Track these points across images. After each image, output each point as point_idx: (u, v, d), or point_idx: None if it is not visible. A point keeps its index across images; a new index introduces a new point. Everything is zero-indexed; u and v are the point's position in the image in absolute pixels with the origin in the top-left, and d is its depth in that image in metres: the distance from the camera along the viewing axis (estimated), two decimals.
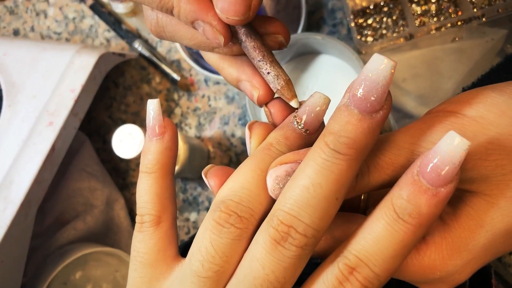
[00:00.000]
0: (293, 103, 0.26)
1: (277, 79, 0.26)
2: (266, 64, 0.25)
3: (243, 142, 0.61)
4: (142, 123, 0.64)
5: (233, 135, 0.61)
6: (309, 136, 0.25)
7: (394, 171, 0.23)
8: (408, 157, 0.23)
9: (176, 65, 0.64)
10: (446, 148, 0.19)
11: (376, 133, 0.21)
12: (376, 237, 0.20)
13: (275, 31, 0.26)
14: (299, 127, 0.25)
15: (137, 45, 0.64)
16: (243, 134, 0.61)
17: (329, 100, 0.25)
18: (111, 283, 0.57)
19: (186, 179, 0.63)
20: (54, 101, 0.50)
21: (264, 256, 0.21)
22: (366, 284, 0.20)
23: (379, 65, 0.20)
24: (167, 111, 0.64)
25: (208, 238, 0.22)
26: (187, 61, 0.60)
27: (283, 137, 0.25)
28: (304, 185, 0.20)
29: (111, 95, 0.66)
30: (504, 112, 0.23)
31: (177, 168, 0.54)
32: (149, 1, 0.24)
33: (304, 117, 0.25)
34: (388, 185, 0.23)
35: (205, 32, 0.24)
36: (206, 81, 0.63)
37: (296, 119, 0.25)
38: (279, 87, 0.26)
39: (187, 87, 0.63)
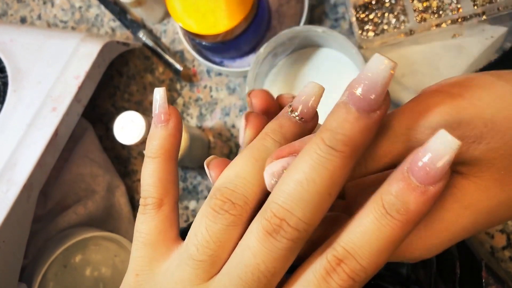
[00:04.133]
0: None
1: None
2: None
3: None
4: (144, 112, 0.65)
5: (233, 126, 0.62)
6: (304, 124, 0.25)
7: (392, 159, 0.24)
8: (405, 144, 0.23)
9: (180, 55, 0.65)
10: (437, 147, 0.19)
11: (373, 132, 0.21)
12: (364, 231, 0.21)
13: None
14: (294, 115, 0.25)
15: (142, 35, 0.65)
16: None
17: (323, 89, 0.25)
18: (110, 267, 0.58)
19: (186, 168, 0.64)
20: (58, 87, 0.51)
21: (256, 246, 0.21)
22: (353, 276, 0.21)
23: (379, 65, 0.20)
24: (170, 101, 0.65)
25: (204, 224, 0.23)
26: (191, 52, 0.61)
27: (278, 125, 0.25)
28: (298, 180, 0.21)
29: (115, 83, 0.67)
30: (500, 96, 0.23)
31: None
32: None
33: (298, 106, 0.25)
34: (387, 169, 0.24)
35: None
36: (208, 72, 0.64)
37: (291, 108, 0.25)
38: None
39: (190, 78, 0.64)
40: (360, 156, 0.22)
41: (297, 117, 0.25)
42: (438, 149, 0.19)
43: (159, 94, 0.27)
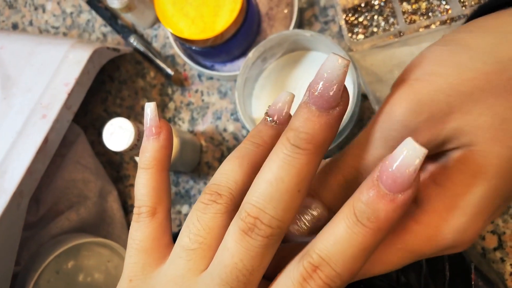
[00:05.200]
0: None
1: None
2: None
3: (235, 137, 0.62)
4: (136, 117, 0.65)
5: (225, 130, 0.62)
6: (280, 126, 0.27)
7: (346, 189, 0.25)
8: (385, 146, 0.24)
9: (171, 60, 0.65)
10: (403, 155, 0.20)
11: (334, 128, 0.22)
12: (336, 238, 0.21)
13: None
14: (270, 120, 0.27)
15: (133, 40, 0.65)
16: (236, 129, 0.62)
17: (293, 96, 0.27)
18: (103, 273, 0.58)
19: (179, 173, 0.64)
20: (48, 94, 0.52)
21: (233, 246, 0.22)
22: (329, 282, 0.21)
23: (334, 64, 0.21)
24: (161, 105, 0.65)
25: (195, 215, 0.24)
26: (181, 57, 0.61)
27: (257, 131, 0.27)
28: (268, 180, 0.22)
29: (107, 89, 0.67)
30: (451, 60, 0.23)
31: None
32: None
33: (273, 113, 0.27)
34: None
35: None
36: (199, 76, 0.64)
37: (267, 115, 0.27)
38: None
39: (181, 82, 0.64)
40: (324, 152, 0.23)
41: (273, 122, 0.27)
42: (404, 157, 0.20)
43: (149, 109, 0.28)
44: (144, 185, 0.27)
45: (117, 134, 0.48)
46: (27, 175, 0.48)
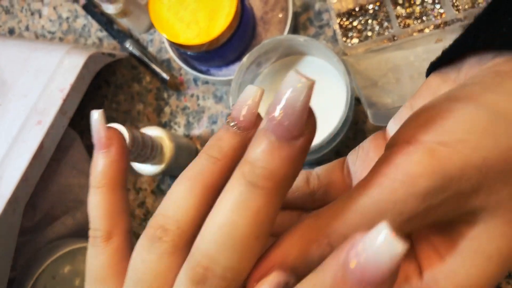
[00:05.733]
0: None
1: None
2: None
3: None
4: (132, 122, 0.66)
5: None
6: (245, 133, 0.23)
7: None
8: (400, 220, 0.20)
9: (166, 64, 0.66)
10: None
11: (298, 162, 0.19)
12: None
13: None
14: (231, 125, 0.22)
15: (128, 44, 0.65)
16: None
17: (262, 91, 0.23)
18: None
19: (174, 177, 0.64)
20: (43, 100, 0.52)
21: None
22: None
23: (295, 85, 0.18)
24: (157, 110, 0.65)
25: (139, 257, 0.22)
26: (177, 61, 0.61)
27: (215, 139, 0.23)
28: (220, 224, 0.19)
29: (103, 93, 0.67)
30: (487, 130, 0.19)
31: (163, 166, 0.55)
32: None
33: (235, 114, 0.22)
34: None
35: None
36: (195, 80, 0.64)
37: (229, 118, 0.23)
38: None
39: (177, 87, 0.65)
40: (286, 191, 0.20)
41: (236, 127, 0.22)
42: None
43: (94, 118, 0.24)
44: (96, 207, 0.24)
45: None
46: (22, 181, 0.48)
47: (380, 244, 0.15)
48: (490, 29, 0.23)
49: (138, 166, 0.55)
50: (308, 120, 0.19)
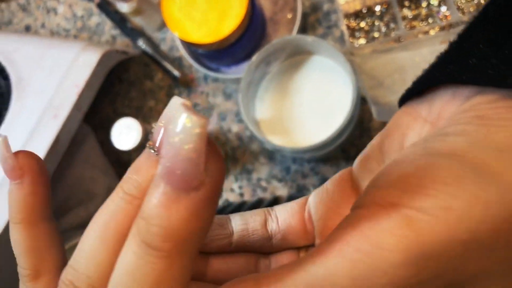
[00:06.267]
0: None
1: None
2: None
3: (239, 138, 0.64)
4: (144, 118, 0.67)
5: (229, 131, 0.64)
6: None
7: None
8: None
9: (178, 62, 0.67)
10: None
11: (203, 215, 0.16)
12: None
13: None
14: (153, 152, 0.19)
15: (141, 43, 0.67)
16: (240, 129, 0.64)
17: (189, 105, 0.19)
18: None
19: None
20: (59, 95, 0.54)
21: None
22: None
23: (183, 125, 0.15)
24: None
25: None
26: (188, 59, 0.63)
27: (133, 171, 0.19)
28: None
29: (116, 90, 0.69)
30: (476, 196, 0.16)
31: None
32: None
33: (157, 138, 0.18)
34: None
35: None
36: (205, 78, 0.66)
37: (149, 143, 0.19)
38: None
39: (188, 84, 0.66)
40: (195, 249, 0.17)
41: (156, 154, 0.18)
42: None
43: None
44: (17, 244, 0.21)
45: (125, 133, 0.50)
46: None
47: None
48: (459, 59, 0.20)
49: None
50: (208, 166, 0.16)
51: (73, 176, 0.61)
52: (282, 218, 0.26)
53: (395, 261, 0.15)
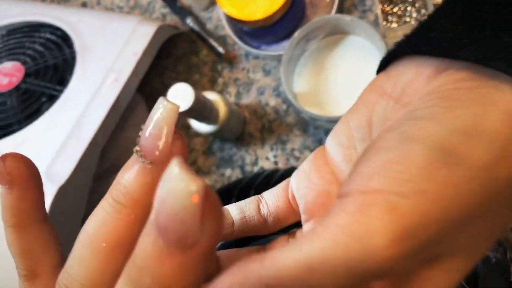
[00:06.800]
0: None
1: None
2: None
3: (275, 111, 0.69)
4: None
5: (267, 104, 0.70)
6: (157, 169, 0.20)
7: None
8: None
9: (222, 40, 0.73)
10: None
11: (195, 272, 0.17)
12: None
13: None
14: (141, 159, 0.19)
15: (189, 21, 0.73)
16: (277, 103, 0.70)
17: (174, 110, 0.19)
18: None
19: (224, 140, 0.72)
20: (119, 62, 0.60)
21: None
22: None
23: (176, 187, 0.15)
24: (211, 80, 0.73)
25: None
26: (232, 37, 0.69)
27: (122, 174, 0.20)
28: None
29: (164, 64, 0.75)
30: (446, 178, 0.17)
31: (217, 126, 0.63)
32: None
33: (145, 145, 0.19)
34: None
35: None
36: (247, 55, 0.72)
37: (138, 148, 0.20)
38: None
39: (230, 60, 0.72)
40: None
41: (144, 162, 0.19)
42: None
43: None
44: (11, 246, 0.22)
45: (179, 97, 0.56)
46: (101, 128, 0.56)
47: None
48: (422, 33, 0.22)
49: (195, 125, 0.63)
50: (205, 223, 0.16)
51: (125, 138, 0.67)
52: (270, 203, 0.29)
53: (384, 243, 0.17)
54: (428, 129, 0.18)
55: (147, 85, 0.75)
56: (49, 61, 0.62)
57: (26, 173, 0.21)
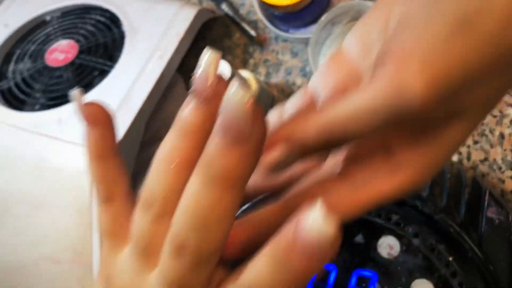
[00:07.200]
0: None
1: None
2: None
3: None
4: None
5: (294, 84, 0.76)
6: (210, 108, 0.23)
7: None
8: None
9: (254, 24, 0.80)
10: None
11: (249, 163, 0.21)
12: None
13: None
14: (194, 98, 0.24)
15: (224, 6, 0.80)
16: (303, 83, 0.76)
17: (216, 57, 0.24)
18: None
19: None
20: (164, 41, 0.67)
21: (167, 263, 0.23)
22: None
23: (234, 98, 0.20)
24: (243, 62, 0.79)
25: (138, 217, 0.24)
26: (263, 21, 0.75)
27: (181, 114, 0.25)
28: (185, 211, 0.22)
29: (200, 45, 0.82)
30: (467, 43, 0.20)
31: None
32: None
33: (197, 86, 0.23)
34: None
35: None
36: (276, 38, 0.78)
37: (192, 91, 0.24)
38: None
39: (261, 43, 0.79)
40: (243, 188, 0.22)
41: (200, 101, 0.23)
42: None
43: (74, 97, 0.26)
44: (95, 174, 0.27)
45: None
46: (148, 99, 0.63)
47: (313, 224, 0.18)
48: None
49: None
50: (254, 125, 0.20)
51: (166, 111, 0.75)
52: (291, 107, 0.32)
53: (423, 93, 0.20)
54: (450, 5, 0.21)
55: (183, 66, 0.82)
56: (100, 40, 0.70)
57: (106, 115, 0.27)
